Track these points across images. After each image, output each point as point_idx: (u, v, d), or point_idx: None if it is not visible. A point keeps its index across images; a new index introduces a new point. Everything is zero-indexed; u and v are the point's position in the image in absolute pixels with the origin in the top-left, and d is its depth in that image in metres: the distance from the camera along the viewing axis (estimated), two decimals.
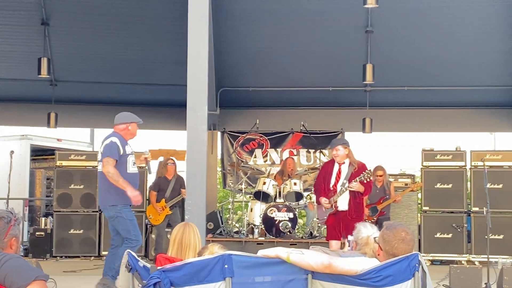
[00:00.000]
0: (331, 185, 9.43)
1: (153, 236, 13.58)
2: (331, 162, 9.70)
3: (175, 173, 12.98)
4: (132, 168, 8.43)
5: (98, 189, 9.00)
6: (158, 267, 4.61)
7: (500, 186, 13.03)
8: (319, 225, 12.61)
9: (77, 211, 13.71)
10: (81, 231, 13.65)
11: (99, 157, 8.59)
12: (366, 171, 9.29)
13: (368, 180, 9.26)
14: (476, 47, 13.89)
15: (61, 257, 13.62)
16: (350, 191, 9.28)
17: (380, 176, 12.66)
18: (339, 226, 9.34)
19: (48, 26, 13.72)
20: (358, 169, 9.31)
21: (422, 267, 4.46)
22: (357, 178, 9.18)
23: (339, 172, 9.42)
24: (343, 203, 9.34)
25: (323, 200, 9.39)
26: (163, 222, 12.80)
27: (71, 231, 13.64)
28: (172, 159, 13.40)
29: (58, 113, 15.23)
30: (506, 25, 13.38)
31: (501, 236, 12.89)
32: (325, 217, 9.48)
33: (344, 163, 9.43)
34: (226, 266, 4.48)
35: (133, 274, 4.76)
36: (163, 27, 13.60)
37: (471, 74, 14.60)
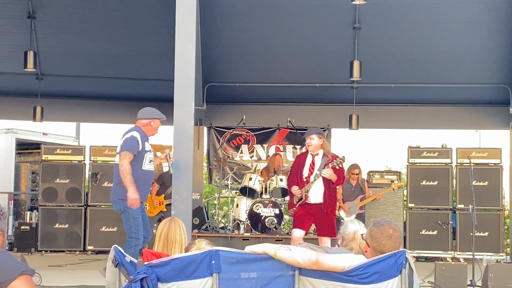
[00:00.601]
0: (304, 177, 9.07)
1: None
2: (305, 153, 9.36)
3: None
4: (147, 165, 8.32)
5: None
6: (145, 263, 4.60)
7: (486, 183, 13.11)
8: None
9: (62, 206, 13.69)
10: (66, 226, 13.63)
11: (118, 149, 8.42)
12: (339, 158, 8.95)
13: (340, 167, 8.90)
14: (462, 45, 13.94)
15: (46, 251, 13.60)
16: (324, 182, 8.94)
17: (357, 174, 12.73)
18: (310, 219, 9.08)
19: (34, 20, 13.64)
20: (332, 160, 9.00)
21: (409, 264, 4.47)
22: (330, 164, 8.86)
23: (313, 163, 9.07)
24: (317, 195, 9.02)
25: (294, 187, 9.02)
26: (155, 216, 12.83)
27: (56, 225, 13.61)
28: None
29: (44, 107, 15.16)
30: (492, 23, 13.42)
31: (486, 233, 12.97)
32: (295, 208, 9.10)
33: (317, 154, 9.11)
34: (213, 262, 4.47)
35: (119, 269, 4.74)
36: (150, 21, 13.56)
37: (458, 71, 14.64)
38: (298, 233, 9.04)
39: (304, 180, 9.04)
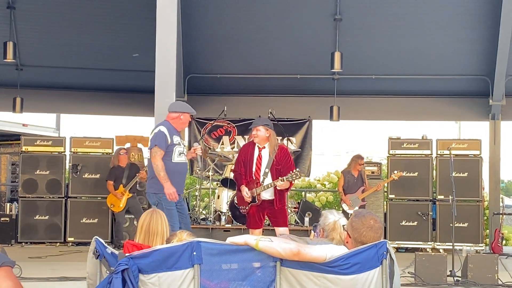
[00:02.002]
0: (252, 173, 8.79)
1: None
2: (251, 145, 8.96)
3: (128, 161, 13.13)
4: (177, 158, 8.25)
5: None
6: (126, 254, 4.58)
7: (465, 174, 13.18)
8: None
9: (42, 197, 13.62)
10: (47, 217, 13.56)
11: (148, 144, 8.40)
12: (295, 171, 8.55)
13: (294, 181, 8.65)
14: (442, 36, 14.00)
15: (27, 243, 13.53)
16: (274, 180, 8.66)
17: (362, 164, 12.73)
18: (263, 214, 8.91)
19: (14, 10, 13.59)
20: (279, 153, 8.73)
21: (390, 255, 4.49)
22: (285, 178, 8.52)
23: (260, 158, 8.78)
24: (268, 192, 8.75)
25: (245, 192, 8.76)
26: (124, 208, 12.90)
27: (37, 217, 13.54)
28: (124, 148, 13.47)
29: (23, 98, 15.08)
30: (472, 15, 13.50)
31: (465, 224, 13.05)
32: (247, 207, 8.88)
33: (264, 147, 8.77)
34: (194, 253, 4.47)
35: (100, 261, 4.73)
36: (131, 13, 13.52)
37: (438, 63, 14.71)
38: (258, 232, 8.88)
39: (253, 177, 8.80)
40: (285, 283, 4.53)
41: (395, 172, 12.88)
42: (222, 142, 15.98)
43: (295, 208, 13.92)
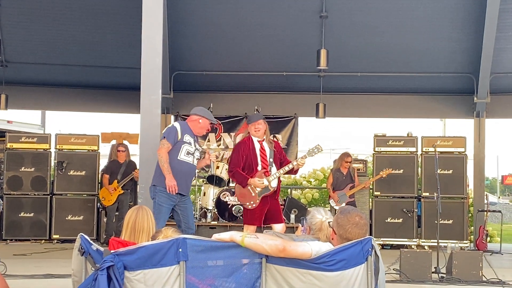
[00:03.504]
0: (259, 166, 8.75)
1: (105, 220, 13.54)
2: (249, 140, 8.91)
3: (126, 158, 13.19)
4: (184, 157, 8.23)
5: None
6: (112, 251, 4.58)
7: (450, 171, 13.26)
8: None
9: (27, 194, 13.59)
10: (32, 214, 13.53)
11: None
12: (317, 145, 8.76)
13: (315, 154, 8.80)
14: (428, 34, 14.04)
15: (11, 240, 13.48)
16: (278, 169, 8.76)
17: (349, 162, 12.82)
18: (264, 210, 8.80)
19: None
20: (276, 144, 8.99)
21: (375, 251, 4.50)
22: (306, 154, 8.68)
23: (263, 149, 8.83)
24: (275, 183, 8.78)
25: (258, 180, 8.64)
26: (115, 203, 12.95)
27: (22, 214, 13.50)
28: (123, 145, 13.49)
29: (8, 94, 15.01)
30: (457, 13, 13.54)
31: (450, 221, 13.13)
32: (257, 201, 8.71)
33: (264, 140, 8.87)
34: (180, 250, 4.47)
35: (86, 258, 4.72)
36: (117, 9, 13.48)
37: (423, 61, 14.75)
38: (252, 228, 8.81)
39: (260, 168, 8.76)
40: (271, 280, 4.54)
41: (384, 170, 12.95)
42: (208, 139, 15.98)
43: (281, 205, 13.93)
